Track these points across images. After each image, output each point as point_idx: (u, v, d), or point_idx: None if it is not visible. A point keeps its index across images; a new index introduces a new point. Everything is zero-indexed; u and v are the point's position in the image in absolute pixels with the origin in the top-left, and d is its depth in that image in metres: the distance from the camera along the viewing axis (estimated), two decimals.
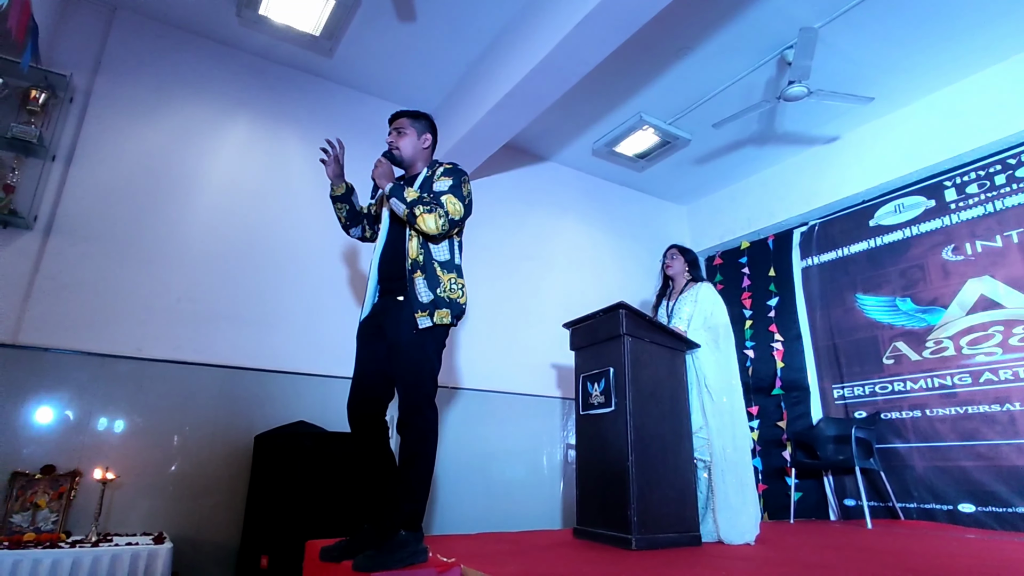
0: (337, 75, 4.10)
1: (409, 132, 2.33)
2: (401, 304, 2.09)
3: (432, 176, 2.24)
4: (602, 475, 2.67)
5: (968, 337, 3.84)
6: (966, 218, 4.03)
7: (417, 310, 2.04)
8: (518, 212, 4.77)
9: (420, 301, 2.06)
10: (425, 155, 2.36)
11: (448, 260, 2.17)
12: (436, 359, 2.11)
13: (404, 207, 2.08)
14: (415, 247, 2.11)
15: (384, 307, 2.17)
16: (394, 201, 2.11)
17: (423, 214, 2.05)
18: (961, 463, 3.71)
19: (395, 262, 2.17)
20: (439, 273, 2.12)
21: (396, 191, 2.11)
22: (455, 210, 2.11)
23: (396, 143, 2.31)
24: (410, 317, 2.04)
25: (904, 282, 4.25)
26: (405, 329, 2.04)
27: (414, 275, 2.08)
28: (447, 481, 3.79)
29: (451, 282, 2.14)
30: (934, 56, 3.84)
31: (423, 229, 2.06)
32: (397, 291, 2.13)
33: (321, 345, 3.58)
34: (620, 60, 3.67)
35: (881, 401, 4.18)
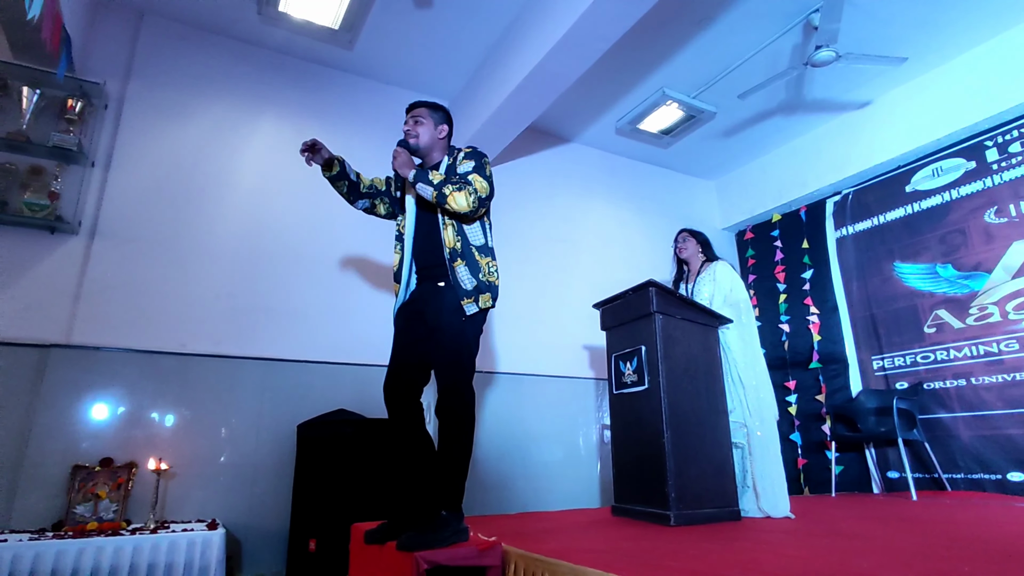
0: (358, 67, 4.14)
1: (426, 121, 2.33)
2: (443, 290, 2.14)
3: (454, 162, 2.28)
4: (638, 453, 2.68)
5: (1015, 301, 3.72)
6: (1009, 178, 3.88)
7: (463, 297, 2.10)
8: (544, 195, 4.76)
9: (465, 288, 2.11)
10: (441, 145, 2.37)
11: (483, 244, 2.21)
12: (476, 344, 2.18)
13: (432, 189, 2.10)
14: (451, 235, 2.16)
15: (425, 293, 2.21)
16: (420, 186, 2.12)
17: (453, 192, 2.09)
18: (1009, 431, 3.61)
19: (431, 250, 2.20)
20: (478, 258, 2.16)
21: (421, 176, 2.13)
22: (482, 187, 2.15)
23: (414, 131, 2.32)
24: (455, 304, 2.09)
25: (944, 248, 4.13)
26: (451, 315, 2.09)
27: (455, 263, 2.13)
28: (486, 464, 3.85)
29: (488, 266, 2.19)
30: (970, 11, 3.68)
31: (454, 208, 2.09)
32: (437, 277, 2.17)
33: (356, 335, 3.66)
34: (640, 35, 3.61)
35: (923, 371, 4.09)
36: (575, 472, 4.18)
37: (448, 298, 2.11)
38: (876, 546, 1.91)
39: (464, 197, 2.09)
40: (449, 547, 1.87)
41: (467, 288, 2.11)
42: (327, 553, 2.71)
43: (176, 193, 3.42)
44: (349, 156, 3.97)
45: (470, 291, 2.11)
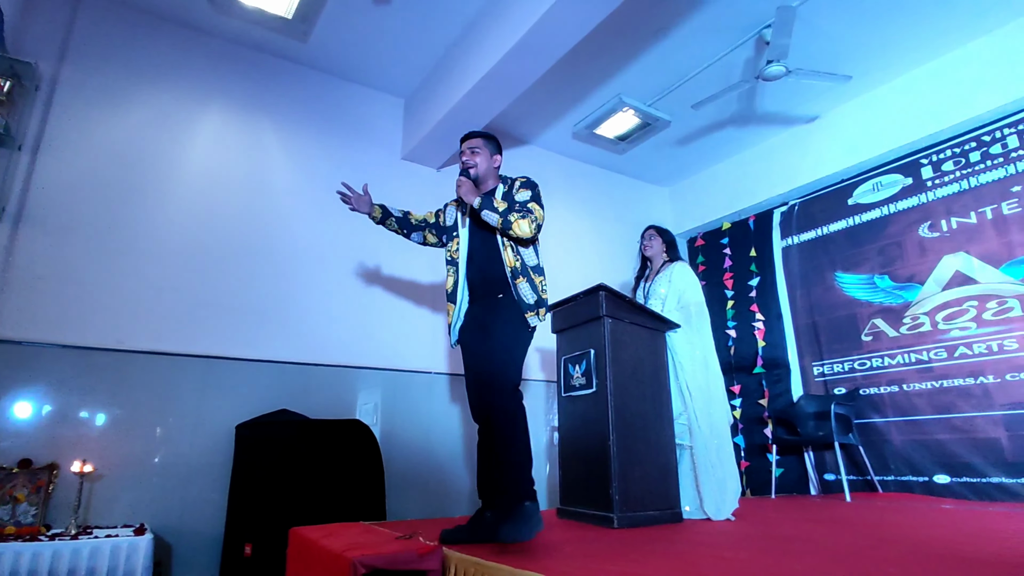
0: (313, 60, 4.04)
1: (482, 152, 2.50)
2: (505, 302, 2.32)
3: (511, 190, 2.44)
4: (584, 456, 2.70)
5: (944, 312, 3.91)
6: (942, 195, 4.07)
7: (527, 311, 2.29)
8: None
9: (528, 303, 2.29)
10: (494, 173, 2.54)
11: (537, 264, 2.40)
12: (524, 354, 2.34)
13: (498, 216, 2.27)
14: (511, 256, 2.33)
15: (487, 307, 2.36)
16: (487, 213, 2.28)
17: (518, 220, 2.27)
18: (937, 436, 3.79)
19: (490, 269, 2.37)
20: (533, 277, 2.34)
21: (487, 203, 2.30)
22: (540, 215, 2.34)
23: (471, 160, 2.48)
24: (519, 316, 2.28)
25: (882, 259, 4.31)
26: (515, 325, 2.27)
27: (517, 281, 2.31)
28: (434, 466, 3.81)
29: (542, 283, 2.37)
30: (911, 34, 3.86)
31: (517, 234, 2.27)
32: (498, 292, 2.34)
33: (303, 333, 3.57)
34: (598, 41, 3.65)
35: (860, 377, 4.25)
36: None
37: (512, 310, 2.29)
38: (810, 547, 1.96)
39: (528, 224, 2.27)
40: (390, 551, 1.83)
41: (530, 302, 2.30)
42: (263, 558, 2.62)
43: (115, 182, 3.26)
44: (300, 151, 3.91)
45: (532, 305, 2.30)
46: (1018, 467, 3.43)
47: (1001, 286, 3.69)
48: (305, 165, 3.89)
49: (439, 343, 4.08)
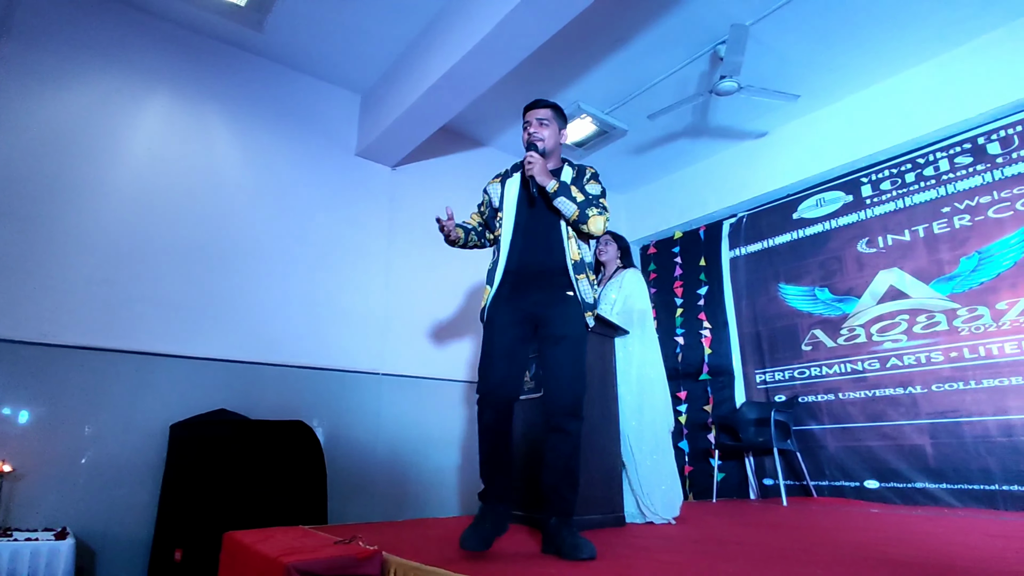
0: (267, 50, 3.93)
1: (551, 125, 2.19)
2: (570, 299, 2.06)
3: (580, 177, 2.19)
4: (531, 459, 2.70)
5: (878, 325, 4.09)
6: (879, 213, 4.27)
7: (586, 310, 2.06)
8: (456, 197, 4.65)
9: (587, 302, 2.08)
10: (558, 152, 2.25)
11: (591, 262, 2.22)
12: None
13: (575, 208, 2.04)
14: (575, 248, 2.11)
15: (545, 300, 2.06)
16: (563, 201, 2.04)
17: (596, 216, 2.06)
18: (868, 443, 3.96)
19: (550, 259, 2.10)
20: (589, 275, 2.14)
21: (566, 190, 2.05)
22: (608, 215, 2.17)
23: (539, 133, 2.15)
24: (581, 316, 2.05)
25: (823, 273, 4.48)
26: (579, 327, 2.04)
27: (579, 276, 2.08)
28: (380, 469, 3.75)
29: (593, 283, 2.17)
30: (856, 58, 4.03)
31: (590, 230, 2.07)
32: (562, 286, 2.08)
33: (246, 331, 3.46)
34: (559, 47, 3.67)
35: (799, 385, 4.41)
36: (472, 477, 4.15)
37: (575, 309, 2.05)
38: (745, 550, 2.02)
39: (603, 222, 2.09)
40: (327, 556, 1.79)
41: (589, 302, 2.09)
42: (194, 564, 2.52)
43: (49, 166, 3.09)
44: (251, 142, 3.79)
45: (590, 305, 2.09)
46: (940, 473, 3.62)
47: (930, 301, 3.89)
48: (256, 157, 3.78)
49: (387, 344, 4.02)
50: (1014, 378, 3.46)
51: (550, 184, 2.04)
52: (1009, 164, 3.73)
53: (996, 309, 3.61)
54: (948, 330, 3.78)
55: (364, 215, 4.14)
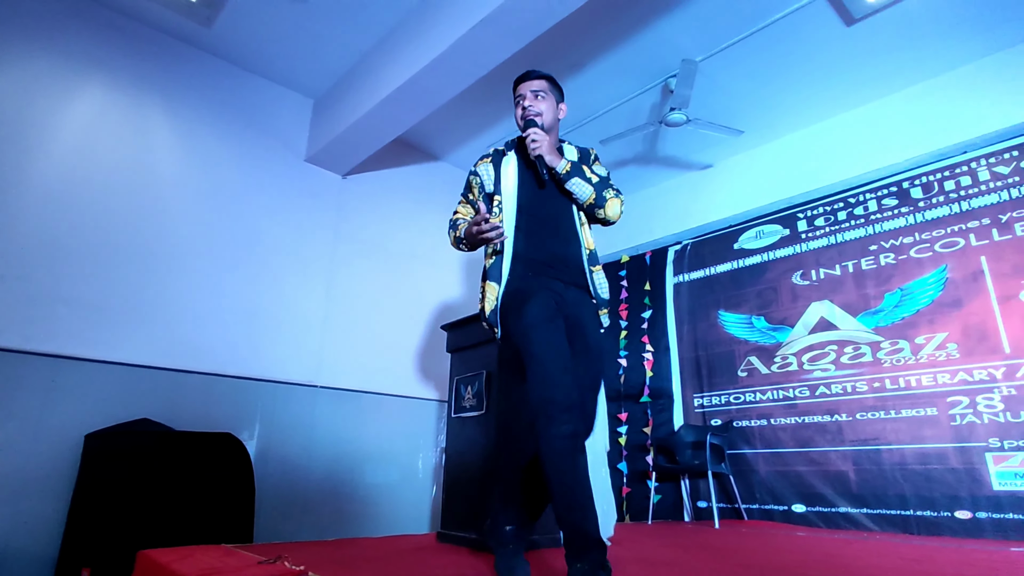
0: (215, 47, 3.81)
1: (548, 98, 1.96)
2: (586, 297, 1.86)
3: (585, 158, 2.00)
4: (470, 478, 2.66)
5: (809, 354, 4.27)
6: (814, 247, 4.48)
7: (602, 307, 1.86)
8: (406, 209, 4.68)
9: (603, 298, 1.87)
10: (557, 129, 2.02)
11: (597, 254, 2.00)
12: None
13: (592, 190, 1.83)
14: (589, 235, 1.90)
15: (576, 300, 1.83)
16: (577, 183, 1.83)
17: (613, 199, 1.87)
18: (797, 468, 4.11)
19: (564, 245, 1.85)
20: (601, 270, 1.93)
21: (579, 171, 1.84)
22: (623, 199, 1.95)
23: (536, 107, 1.92)
24: (596, 315, 1.84)
25: (760, 302, 4.65)
26: (598, 330, 1.83)
27: (594, 268, 1.87)
28: (314, 485, 3.62)
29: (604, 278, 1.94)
30: (796, 99, 4.25)
31: (607, 215, 1.87)
32: (579, 284, 1.86)
33: (174, 337, 3.29)
34: (515, 68, 3.68)
35: (734, 410, 4.54)
36: (410, 496, 4.07)
37: (592, 307, 1.85)
38: (676, 572, 2.04)
39: (619, 206, 1.89)
40: None
41: (604, 298, 1.87)
42: None
43: None
44: (194, 139, 3.65)
45: (604, 302, 1.86)
46: (861, 498, 3.78)
47: (857, 333, 4.09)
48: (197, 155, 3.64)
49: (325, 356, 3.90)
50: (929, 409, 3.66)
51: (560, 164, 1.84)
52: (930, 208, 3.99)
53: (915, 343, 3.82)
54: (872, 361, 3.98)
55: (309, 223, 4.03)
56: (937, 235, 3.91)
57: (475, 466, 2.63)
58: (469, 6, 2.99)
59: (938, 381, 3.68)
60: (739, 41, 3.66)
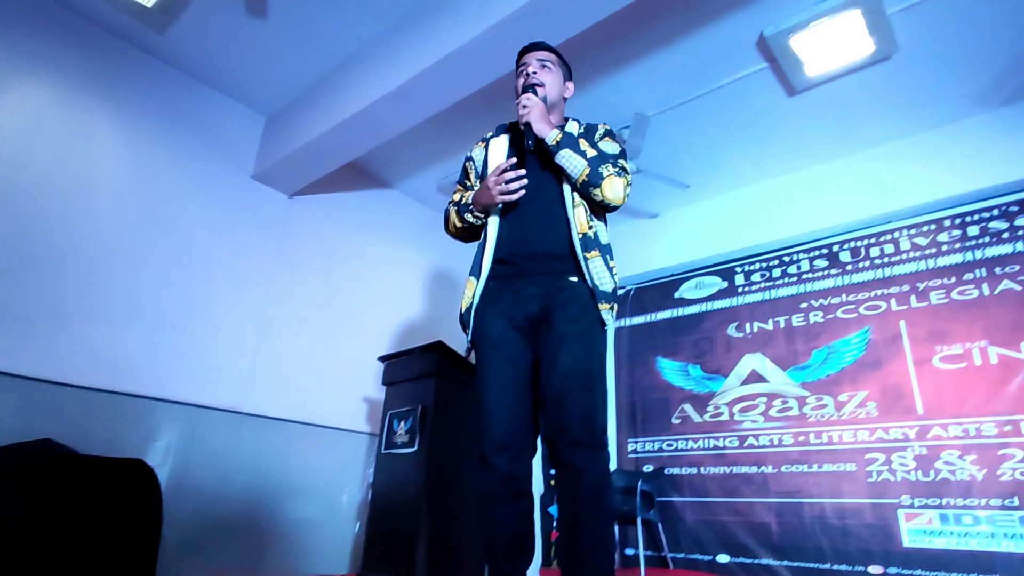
0: (167, 55, 3.69)
1: (555, 71, 1.82)
2: (574, 287, 1.59)
3: (589, 134, 1.77)
4: (395, 517, 2.58)
5: (740, 405, 4.39)
6: (749, 301, 4.65)
7: (602, 300, 1.57)
8: (352, 235, 4.60)
9: (604, 290, 1.58)
10: (561, 107, 1.88)
11: (608, 244, 1.70)
12: None
13: (586, 164, 1.58)
14: (584, 217, 1.62)
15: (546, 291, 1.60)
16: (567, 155, 1.60)
17: (612, 176, 1.59)
18: (722, 518, 4.17)
19: (549, 232, 1.64)
20: (608, 258, 1.65)
21: (571, 141, 1.62)
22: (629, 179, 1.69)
23: (540, 78, 1.76)
24: (590, 306, 1.56)
25: (696, 351, 4.77)
26: (589, 322, 1.53)
27: (589, 254, 1.59)
28: (232, 520, 3.41)
29: (614, 270, 1.66)
30: (740, 159, 4.45)
31: (606, 196, 1.59)
32: (564, 271, 1.61)
33: (89, 350, 3.07)
34: (474, 105, 3.74)
35: (666, 457, 4.60)
36: (332, 533, 3.89)
37: (582, 298, 1.56)
38: None
39: (622, 186, 1.61)
40: None
41: (606, 290, 1.58)
42: None
43: None
44: (137, 146, 3.50)
45: (610, 295, 1.58)
46: (782, 550, 3.86)
47: (785, 387, 4.24)
48: (138, 161, 3.48)
49: (255, 381, 3.72)
50: (849, 465, 3.81)
51: (550, 134, 1.63)
52: (856, 272, 4.22)
53: (838, 400, 3.99)
54: (798, 415, 4.12)
55: (250, 241, 3.90)
56: (862, 298, 4.13)
57: (401, 504, 2.55)
58: (433, 43, 3.03)
59: (857, 438, 3.83)
60: (690, 100, 3.82)
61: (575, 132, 1.77)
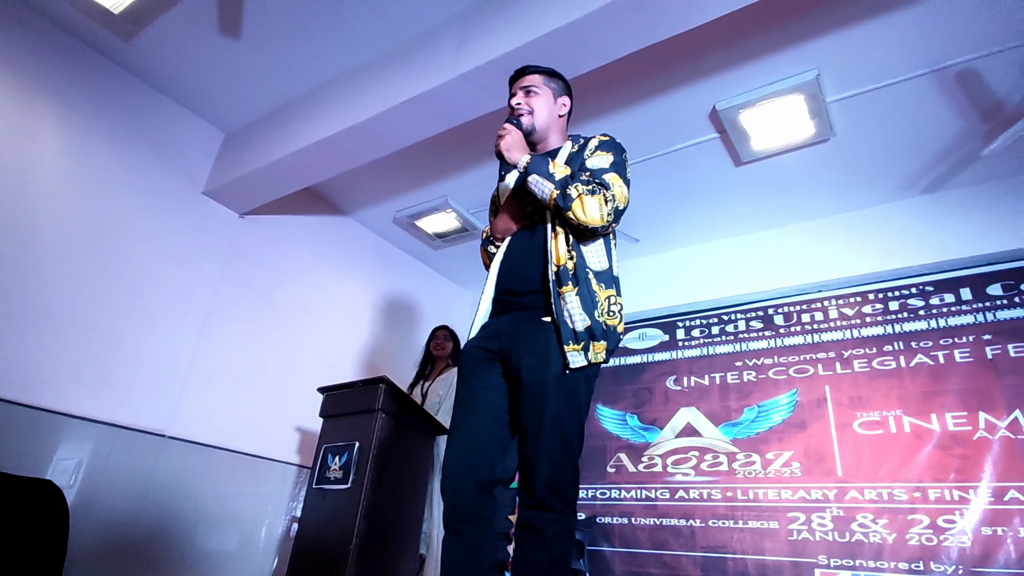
0: (128, 62, 3.61)
1: (542, 93, 1.77)
2: (545, 326, 1.52)
3: (581, 151, 1.70)
4: (320, 556, 2.50)
5: (673, 457, 4.49)
6: (688, 355, 4.81)
7: (568, 340, 1.48)
8: (303, 260, 4.53)
9: (572, 327, 1.49)
10: (561, 125, 1.83)
11: (607, 270, 1.59)
12: (586, 413, 1.55)
13: (552, 187, 1.52)
14: (562, 248, 1.55)
15: (516, 327, 1.57)
16: (536, 180, 1.55)
17: (582, 195, 1.49)
18: (650, 570, 4.20)
19: (528, 267, 1.61)
20: (596, 288, 1.54)
21: (539, 166, 1.56)
22: (622, 195, 1.56)
23: (527, 105, 1.74)
24: (556, 349, 1.48)
25: (635, 400, 4.87)
26: (552, 366, 1.47)
27: (562, 288, 1.50)
28: (140, 546, 3.21)
29: (610, 301, 1.55)
30: (688, 219, 4.67)
31: (581, 219, 1.50)
32: (534, 306, 1.56)
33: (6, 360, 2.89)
34: (438, 143, 3.81)
35: (599, 506, 4.63)
36: (248, 566, 3.70)
37: (549, 340, 1.49)
38: None
39: (598, 204, 1.49)
40: None
41: (576, 327, 1.48)
42: None
43: None
44: (84, 150, 3.38)
45: (580, 332, 1.48)
46: None
47: (717, 443, 4.37)
48: (85, 167, 3.35)
49: (183, 404, 3.54)
50: (772, 522, 3.93)
51: (522, 161, 1.60)
52: (789, 335, 4.45)
53: (766, 458, 4.14)
54: (728, 471, 4.24)
55: (195, 257, 3.78)
56: (792, 360, 4.34)
57: (329, 544, 2.47)
58: (404, 83, 3.09)
59: (781, 496, 3.97)
60: (646, 160, 4.00)
61: (564, 154, 1.73)
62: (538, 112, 1.76)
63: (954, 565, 3.31)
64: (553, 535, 1.39)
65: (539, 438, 1.43)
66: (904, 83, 3.19)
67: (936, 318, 3.95)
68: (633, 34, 2.57)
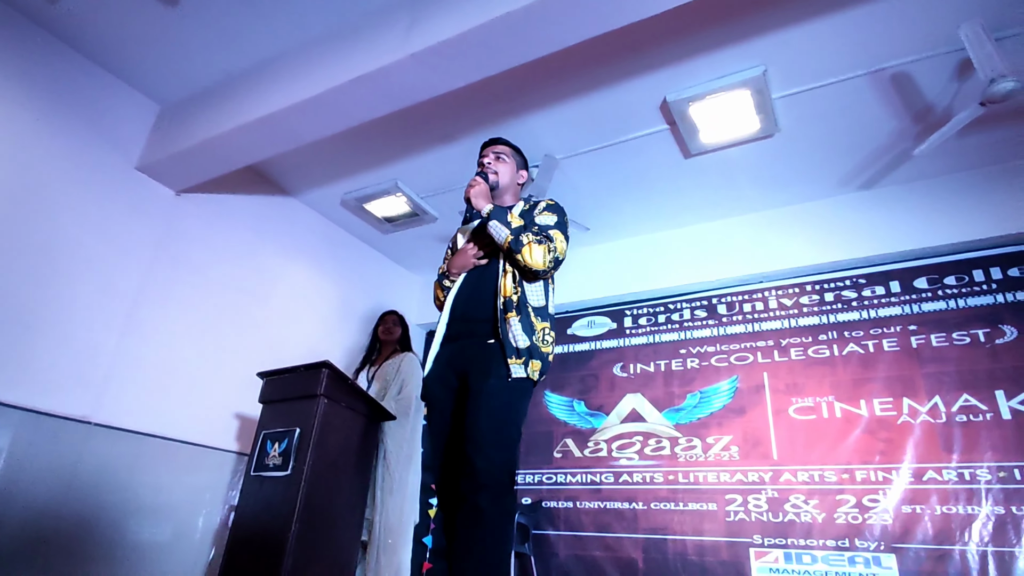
0: (54, 25, 3.36)
1: (509, 161, 2.21)
2: (492, 348, 1.83)
3: (531, 209, 2.06)
4: (258, 546, 2.43)
5: (618, 443, 4.58)
6: (635, 343, 4.90)
7: (511, 355, 1.79)
8: (244, 240, 4.36)
9: (515, 346, 1.81)
10: (515, 191, 2.23)
11: (543, 307, 1.95)
12: (522, 420, 1.83)
13: (507, 233, 1.88)
14: (509, 284, 1.89)
15: (468, 351, 1.89)
16: (495, 225, 1.90)
17: (532, 243, 1.86)
18: (593, 552, 4.29)
19: (480, 299, 1.93)
20: (534, 319, 1.88)
21: (499, 214, 1.91)
22: (561, 248, 1.95)
23: (495, 166, 2.15)
24: (501, 361, 1.79)
25: (582, 387, 4.94)
26: (496, 375, 1.78)
27: (507, 315, 1.84)
28: (63, 539, 3.04)
29: (544, 332, 1.90)
30: (637, 209, 4.73)
31: (527, 263, 1.85)
32: (485, 334, 1.87)
33: None
34: (389, 124, 3.72)
35: (545, 491, 4.68)
36: (183, 557, 3.57)
37: (496, 358, 1.80)
38: None
39: (543, 253, 1.86)
40: None
41: (518, 346, 1.81)
42: None
43: None
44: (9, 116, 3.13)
45: (521, 351, 1.81)
46: None
47: (660, 427, 4.48)
48: (4, 134, 3.12)
49: (110, 389, 3.37)
50: (711, 504, 4.07)
51: (485, 208, 1.95)
52: (731, 324, 4.59)
53: (707, 442, 4.27)
54: (670, 455, 4.36)
55: (126, 235, 3.58)
56: (733, 348, 4.48)
57: (267, 532, 2.41)
58: (352, 61, 2.99)
59: (720, 479, 4.11)
60: (597, 150, 4.02)
61: (520, 209, 2.07)
62: (503, 175, 2.16)
63: (877, 541, 3.51)
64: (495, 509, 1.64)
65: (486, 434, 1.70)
66: (844, 83, 3.31)
67: (867, 309, 4.14)
68: (586, 21, 2.56)
